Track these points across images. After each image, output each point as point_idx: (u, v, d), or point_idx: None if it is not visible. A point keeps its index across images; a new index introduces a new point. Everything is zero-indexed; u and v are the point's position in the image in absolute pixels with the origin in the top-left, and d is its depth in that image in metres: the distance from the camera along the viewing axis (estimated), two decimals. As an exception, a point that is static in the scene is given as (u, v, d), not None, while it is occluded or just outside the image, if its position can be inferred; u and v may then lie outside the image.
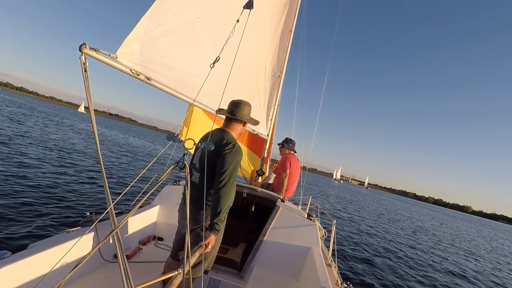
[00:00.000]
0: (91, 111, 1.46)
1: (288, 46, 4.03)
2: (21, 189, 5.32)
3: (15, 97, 73.87)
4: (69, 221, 4.48)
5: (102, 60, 1.59)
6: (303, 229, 2.67)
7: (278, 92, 4.07)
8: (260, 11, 3.21)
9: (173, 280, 1.22)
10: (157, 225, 2.92)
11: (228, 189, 1.72)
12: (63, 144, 12.66)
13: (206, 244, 1.63)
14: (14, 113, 22.28)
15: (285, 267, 2.56)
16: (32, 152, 8.98)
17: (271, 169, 4.61)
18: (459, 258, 10.34)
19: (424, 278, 6.62)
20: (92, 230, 1.98)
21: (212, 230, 1.68)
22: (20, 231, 3.78)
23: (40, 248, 1.63)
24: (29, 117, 22.54)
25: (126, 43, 1.77)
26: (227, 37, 1.99)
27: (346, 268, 5.88)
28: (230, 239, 2.84)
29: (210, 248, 1.68)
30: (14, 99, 55.10)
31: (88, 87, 1.40)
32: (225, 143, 1.80)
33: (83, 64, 1.38)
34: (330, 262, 2.83)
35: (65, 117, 41.04)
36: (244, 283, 2.31)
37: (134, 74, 1.84)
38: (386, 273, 6.24)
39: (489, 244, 19.24)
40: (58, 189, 6.01)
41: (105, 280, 1.96)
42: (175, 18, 2.09)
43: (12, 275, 1.42)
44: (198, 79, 2.40)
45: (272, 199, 3.09)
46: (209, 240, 1.66)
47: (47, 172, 7.18)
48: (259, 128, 3.93)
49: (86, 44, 1.42)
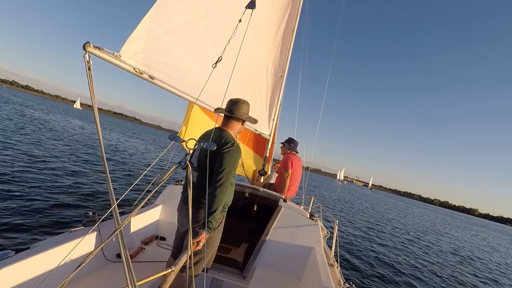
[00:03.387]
0: (95, 110, 1.46)
1: (290, 46, 4.02)
2: (23, 189, 5.36)
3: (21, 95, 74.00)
4: (72, 221, 4.51)
5: (105, 58, 1.60)
6: (305, 229, 2.67)
7: (280, 92, 4.06)
8: (262, 11, 3.21)
9: (166, 278, 1.22)
10: (159, 225, 2.93)
11: (224, 188, 1.71)
12: (63, 144, 12.74)
13: (198, 242, 1.62)
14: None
15: (287, 267, 2.55)
16: (31, 152, 9.05)
17: (273, 169, 4.61)
18: (462, 259, 10.26)
19: (426, 278, 6.58)
20: (95, 229, 1.99)
21: (205, 228, 1.67)
22: (23, 231, 3.81)
23: (43, 247, 1.64)
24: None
25: (130, 41, 1.78)
26: (229, 37, 1.99)
27: (349, 268, 5.86)
28: (232, 239, 2.84)
29: (201, 246, 1.66)
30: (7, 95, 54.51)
31: (92, 85, 1.40)
32: (224, 142, 1.79)
33: (87, 62, 1.39)
34: (332, 262, 2.82)
35: (52, 111, 40.37)
36: (246, 282, 2.30)
37: (137, 73, 1.84)
38: (388, 273, 6.21)
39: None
40: (60, 188, 6.04)
41: (108, 279, 1.97)
42: (177, 18, 2.10)
43: (15, 275, 1.43)
44: (201, 79, 2.40)
45: (274, 199, 3.09)
46: (201, 238, 1.64)
47: (50, 171, 7.23)
48: (261, 128, 3.92)
49: (90, 43, 1.43)
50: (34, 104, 48.16)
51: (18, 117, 18.76)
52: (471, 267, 9.37)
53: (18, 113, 21.27)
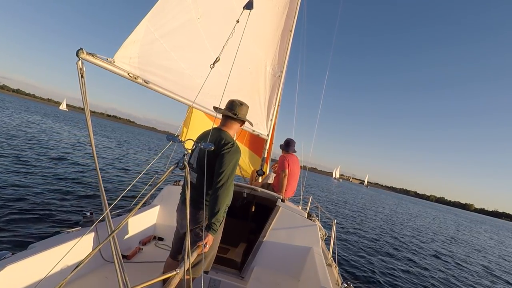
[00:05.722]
0: (87, 117, 1.44)
1: (288, 46, 4.03)
2: (21, 189, 5.33)
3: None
4: (69, 222, 4.49)
5: (99, 64, 1.58)
6: (303, 229, 2.67)
7: (279, 92, 4.07)
8: (260, 11, 3.21)
9: (171, 280, 1.22)
10: (157, 225, 2.92)
11: (226, 189, 1.71)
12: (63, 144, 12.67)
13: (204, 244, 1.63)
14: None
15: (286, 267, 2.56)
16: (32, 152, 8.99)
17: (272, 169, 4.61)
18: (463, 256, 10.34)
19: (426, 277, 6.62)
20: (92, 230, 1.98)
21: (209, 230, 1.67)
22: (21, 232, 3.78)
23: (40, 248, 1.63)
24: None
25: (125, 47, 1.76)
26: (227, 38, 1.99)
27: (347, 268, 5.88)
28: (230, 239, 2.84)
29: (208, 247, 1.68)
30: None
31: (85, 92, 1.38)
32: (223, 143, 1.78)
33: (80, 69, 1.37)
34: (331, 262, 2.83)
35: (35, 111, 39.38)
36: (244, 283, 2.31)
37: (131, 78, 1.83)
38: (386, 272, 6.24)
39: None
40: (58, 189, 6.02)
41: (105, 280, 1.96)
42: (176, 20, 2.09)
43: (12, 276, 1.42)
44: (198, 80, 2.40)
45: (272, 199, 3.09)
46: (207, 240, 1.66)
47: (47, 172, 7.19)
48: (259, 128, 3.93)
49: (83, 49, 1.41)
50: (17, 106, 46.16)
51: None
52: (470, 266, 9.44)
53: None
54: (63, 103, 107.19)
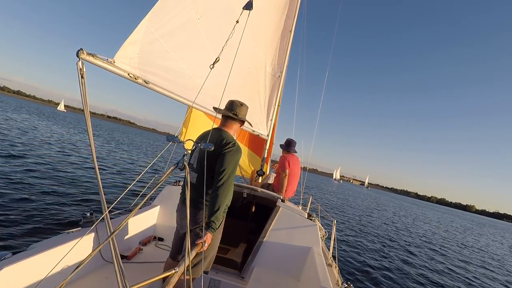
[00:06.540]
0: (87, 118, 1.44)
1: (288, 46, 4.03)
2: (21, 190, 5.33)
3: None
4: (69, 222, 4.49)
5: (99, 65, 1.58)
6: (303, 229, 2.67)
7: (278, 92, 4.07)
8: (260, 11, 3.21)
9: (170, 279, 1.22)
10: (158, 225, 2.92)
11: (226, 188, 1.71)
12: (64, 144, 12.68)
13: (203, 243, 1.63)
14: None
15: (286, 267, 2.56)
16: (32, 152, 9.00)
17: (272, 170, 4.61)
18: (462, 258, 10.32)
19: (424, 278, 6.61)
20: (93, 230, 1.98)
21: (209, 229, 1.67)
22: (21, 232, 3.78)
23: (40, 248, 1.63)
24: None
25: (125, 47, 1.77)
26: (227, 38, 1.99)
27: (347, 268, 5.88)
28: (230, 239, 2.83)
29: (207, 246, 1.67)
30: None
31: (85, 93, 1.38)
32: (225, 143, 1.79)
33: (80, 70, 1.36)
34: (331, 262, 2.83)
35: (30, 111, 38.81)
36: (244, 283, 2.30)
37: (132, 78, 1.83)
38: (386, 272, 6.24)
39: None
40: (58, 189, 6.01)
41: (105, 280, 1.96)
42: (176, 20, 2.09)
43: (12, 276, 1.42)
44: (198, 81, 2.40)
45: (272, 199, 3.09)
46: (206, 238, 1.65)
47: (48, 172, 7.19)
48: (259, 128, 3.92)
49: (84, 50, 1.41)
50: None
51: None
52: (469, 267, 9.43)
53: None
54: (61, 104, 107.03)
